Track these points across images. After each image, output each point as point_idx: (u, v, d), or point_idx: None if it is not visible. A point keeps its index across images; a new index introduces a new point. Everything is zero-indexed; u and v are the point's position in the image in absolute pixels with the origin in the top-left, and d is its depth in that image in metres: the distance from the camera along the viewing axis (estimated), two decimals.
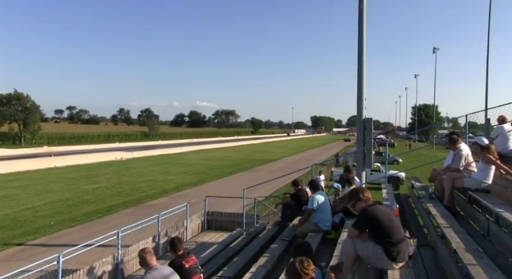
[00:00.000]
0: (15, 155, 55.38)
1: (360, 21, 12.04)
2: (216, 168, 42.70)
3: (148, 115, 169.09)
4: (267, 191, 22.72)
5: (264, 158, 55.99)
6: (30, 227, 17.18)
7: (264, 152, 71.65)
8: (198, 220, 15.01)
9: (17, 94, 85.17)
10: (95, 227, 16.91)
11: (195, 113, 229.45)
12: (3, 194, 25.28)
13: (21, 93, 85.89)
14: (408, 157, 42.16)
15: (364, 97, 12.28)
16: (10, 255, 13.60)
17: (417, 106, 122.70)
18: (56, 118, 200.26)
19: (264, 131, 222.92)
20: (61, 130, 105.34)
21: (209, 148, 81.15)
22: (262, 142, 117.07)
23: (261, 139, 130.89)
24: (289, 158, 58.69)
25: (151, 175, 35.85)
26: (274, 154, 66.54)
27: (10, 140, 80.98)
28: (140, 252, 5.20)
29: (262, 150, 77.70)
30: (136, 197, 24.50)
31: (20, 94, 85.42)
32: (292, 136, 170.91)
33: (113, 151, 60.03)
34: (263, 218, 15.04)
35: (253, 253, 8.15)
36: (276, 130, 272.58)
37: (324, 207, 7.84)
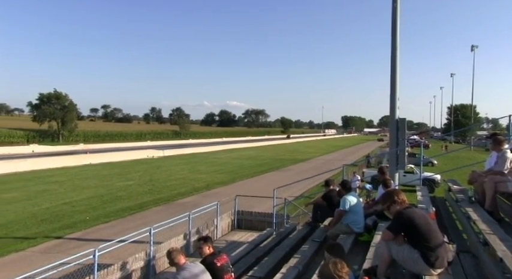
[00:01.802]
0: (54, 152, 57.30)
1: (393, 19, 11.75)
2: (246, 167, 42.78)
3: (179, 114, 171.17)
4: (297, 191, 22.61)
5: (294, 158, 55.72)
6: (67, 221, 17.67)
7: (295, 152, 71.30)
8: (228, 218, 15.05)
9: (57, 93, 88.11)
10: (128, 223, 17.23)
11: (225, 112, 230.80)
12: (44, 189, 26.16)
13: (60, 92, 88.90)
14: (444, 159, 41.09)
15: (398, 96, 11.99)
16: (50, 247, 14.03)
17: (453, 106, 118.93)
18: (92, 116, 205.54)
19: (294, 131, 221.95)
20: (96, 128, 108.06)
21: (239, 147, 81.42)
22: (293, 142, 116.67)
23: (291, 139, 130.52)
24: (319, 158, 58.20)
25: (181, 173, 36.26)
26: (305, 153, 66.12)
27: (49, 138, 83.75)
28: (167, 252, 5.23)
29: (292, 150, 77.36)
30: (168, 195, 24.80)
31: (59, 94, 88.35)
32: (322, 136, 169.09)
33: (144, 149, 61.14)
34: (293, 219, 14.93)
35: (283, 253, 8.08)
36: (306, 130, 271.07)
37: (356, 208, 7.69)
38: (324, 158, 58.18)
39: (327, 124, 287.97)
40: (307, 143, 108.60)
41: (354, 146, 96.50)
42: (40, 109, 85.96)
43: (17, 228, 16.41)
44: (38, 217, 18.38)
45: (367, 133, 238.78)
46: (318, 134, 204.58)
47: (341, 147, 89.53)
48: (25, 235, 15.34)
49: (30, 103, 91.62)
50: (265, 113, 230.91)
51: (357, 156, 60.24)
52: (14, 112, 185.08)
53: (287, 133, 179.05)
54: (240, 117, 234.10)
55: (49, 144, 72.33)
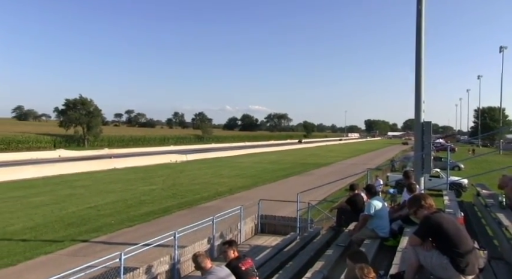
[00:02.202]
0: (80, 157, 58.52)
1: (418, 22, 11.60)
2: (269, 171, 42.74)
3: (201, 119, 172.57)
4: (320, 195, 22.44)
5: (317, 162, 55.40)
6: (93, 225, 17.98)
7: (317, 156, 70.91)
8: (251, 223, 15.04)
9: (82, 99, 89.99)
10: (152, 227, 17.41)
11: (248, 116, 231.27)
12: (70, 193, 26.72)
13: (85, 98, 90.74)
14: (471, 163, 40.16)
15: (423, 99, 11.80)
16: (76, 250, 14.30)
17: (480, 109, 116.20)
18: (116, 121, 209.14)
19: (317, 135, 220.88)
20: (120, 133, 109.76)
21: (261, 151, 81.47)
22: (315, 146, 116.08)
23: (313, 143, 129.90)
24: (342, 162, 57.68)
25: (204, 178, 36.48)
26: (327, 158, 65.67)
27: (75, 143, 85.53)
28: (193, 257, 5.26)
29: (315, 154, 76.93)
30: (191, 199, 24.97)
31: (85, 99, 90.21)
32: (344, 140, 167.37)
33: (168, 154, 61.82)
34: (317, 223, 14.83)
35: (307, 258, 8.02)
36: (329, 133, 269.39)
37: (382, 213, 7.59)
38: (346, 162, 57.64)
39: (349, 127, 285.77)
40: (330, 147, 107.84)
41: (378, 150, 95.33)
42: (66, 114, 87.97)
43: (45, 231, 16.78)
44: (65, 220, 18.76)
45: (391, 137, 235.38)
46: (341, 138, 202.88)
47: (364, 151, 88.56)
48: (53, 238, 15.67)
49: (57, 108, 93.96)
50: (288, 117, 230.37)
51: (380, 160, 59.48)
52: (41, 118, 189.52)
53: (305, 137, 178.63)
54: (262, 121, 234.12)
55: (75, 149, 73.93)
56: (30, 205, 22.46)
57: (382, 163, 52.32)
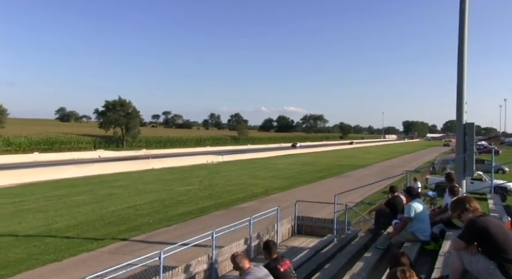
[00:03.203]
0: (118, 157, 60.15)
1: (461, 21, 11.24)
2: (304, 173, 42.52)
3: (237, 120, 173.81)
4: (357, 197, 22.15)
5: (353, 164, 54.65)
6: (132, 224, 18.42)
7: (353, 157, 69.97)
8: (288, 224, 14.99)
9: (121, 100, 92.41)
10: (189, 227, 17.66)
11: (283, 118, 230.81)
12: (110, 192, 27.51)
13: (124, 99, 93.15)
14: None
15: (465, 100, 11.42)
16: (117, 248, 14.70)
17: None
18: (153, 122, 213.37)
19: (353, 136, 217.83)
20: (157, 134, 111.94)
21: (297, 152, 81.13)
22: (352, 147, 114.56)
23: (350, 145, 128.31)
24: (379, 164, 56.68)
25: (240, 179, 36.69)
26: (364, 159, 64.70)
27: (114, 144, 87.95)
28: (232, 257, 5.29)
29: (351, 155, 75.95)
30: (227, 200, 25.16)
31: (123, 101, 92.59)
32: (368, 143, 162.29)
33: (204, 155, 62.58)
34: (354, 225, 14.63)
35: (345, 260, 7.93)
36: (366, 135, 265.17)
37: (422, 216, 7.38)
38: (384, 164, 56.58)
39: (387, 129, 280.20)
40: (367, 149, 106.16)
41: (416, 152, 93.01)
42: (105, 116, 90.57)
43: (87, 229, 17.34)
44: (105, 219, 19.31)
45: (430, 139, 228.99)
46: (378, 139, 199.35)
47: (402, 153, 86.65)
48: (94, 236, 16.16)
49: (97, 110, 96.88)
50: (324, 118, 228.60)
51: (419, 162, 58.04)
52: (82, 119, 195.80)
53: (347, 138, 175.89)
54: (298, 122, 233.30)
55: (114, 150, 76.04)
56: (72, 203, 23.27)
57: (421, 165, 51.03)
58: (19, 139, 71.47)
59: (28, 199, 24.41)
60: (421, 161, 59.61)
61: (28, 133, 76.49)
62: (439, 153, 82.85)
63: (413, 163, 55.25)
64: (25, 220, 18.94)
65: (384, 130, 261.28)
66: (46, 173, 35.32)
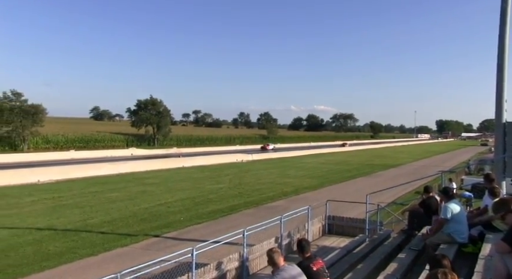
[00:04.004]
0: (150, 155, 61.27)
1: (502, 21, 10.87)
2: (335, 172, 42.15)
3: (267, 119, 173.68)
4: (388, 197, 21.79)
5: (384, 164, 53.79)
6: (163, 221, 18.71)
7: (385, 157, 68.88)
8: (319, 223, 14.86)
9: (153, 99, 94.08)
10: (220, 225, 17.81)
11: (313, 117, 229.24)
12: (142, 190, 28.05)
13: (155, 98, 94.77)
14: None
15: (505, 98, 11.03)
16: (149, 244, 14.98)
17: None
18: (184, 121, 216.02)
19: (384, 135, 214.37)
20: (188, 132, 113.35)
21: (327, 152, 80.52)
22: (383, 147, 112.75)
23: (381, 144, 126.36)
24: (412, 164, 55.55)
25: (270, 177, 36.69)
26: (396, 159, 63.58)
27: (146, 142, 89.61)
28: (269, 252, 5.29)
29: (382, 155, 74.77)
30: (257, 199, 25.22)
31: (155, 100, 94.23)
32: (399, 142, 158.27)
33: (234, 153, 62.91)
34: (386, 225, 14.39)
35: (378, 261, 7.83)
36: (397, 134, 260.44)
37: (460, 217, 7.18)
38: (417, 164, 55.42)
39: (419, 128, 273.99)
40: (398, 149, 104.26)
41: (451, 151, 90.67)
42: (137, 115, 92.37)
43: (120, 225, 17.75)
44: (138, 215, 19.71)
45: (465, 138, 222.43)
46: (410, 139, 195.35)
47: (436, 153, 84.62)
48: (127, 232, 16.52)
49: (129, 109, 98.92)
50: (354, 117, 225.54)
51: (454, 162, 56.55)
52: (115, 118, 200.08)
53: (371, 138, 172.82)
54: (328, 121, 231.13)
55: (145, 148, 77.51)
56: (106, 200, 23.87)
57: (456, 165, 49.71)
58: (57, 137, 73.99)
59: (66, 195, 25.20)
60: (455, 162, 58.07)
61: (65, 132, 79.01)
62: (475, 153, 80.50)
63: (447, 163, 53.90)
64: (63, 215, 19.59)
65: (416, 129, 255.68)
66: (82, 171, 36.41)
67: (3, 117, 62.13)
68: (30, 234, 15.92)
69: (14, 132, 63.97)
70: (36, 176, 31.97)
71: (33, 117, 65.72)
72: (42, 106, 68.44)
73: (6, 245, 14.34)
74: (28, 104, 66.57)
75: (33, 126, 65.97)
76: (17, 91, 66.14)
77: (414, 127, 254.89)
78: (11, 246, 14.20)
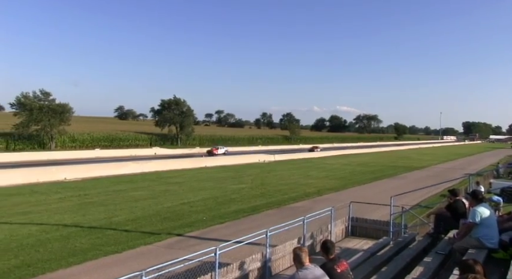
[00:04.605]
0: (173, 155, 61.90)
1: None
2: (358, 174, 41.72)
3: (289, 120, 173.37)
4: (412, 199, 21.42)
5: (409, 166, 52.95)
6: (186, 220, 18.84)
7: (409, 159, 67.78)
8: (342, 225, 14.75)
9: (176, 99, 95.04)
10: (242, 225, 17.82)
11: (336, 117, 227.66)
12: (166, 189, 28.33)
13: (179, 98, 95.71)
14: None
15: None
16: (172, 243, 15.10)
17: None
18: (206, 121, 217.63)
19: (408, 137, 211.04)
20: (210, 132, 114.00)
21: (350, 153, 79.78)
22: (407, 149, 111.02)
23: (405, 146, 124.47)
24: (437, 166, 54.48)
25: (292, 178, 36.56)
26: (421, 161, 62.50)
27: (169, 141, 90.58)
28: (297, 250, 5.25)
29: (406, 157, 73.62)
30: (279, 199, 25.14)
31: (178, 100, 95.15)
32: (424, 144, 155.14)
33: (256, 154, 62.95)
34: (411, 228, 14.16)
35: (403, 264, 7.70)
36: (422, 136, 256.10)
37: (489, 221, 6.98)
38: (442, 166, 54.33)
39: (445, 130, 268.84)
40: (423, 151, 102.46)
41: (478, 154, 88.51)
42: (161, 114, 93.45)
43: (144, 223, 17.94)
44: (161, 214, 19.89)
45: (494, 141, 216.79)
46: (435, 141, 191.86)
47: (462, 155, 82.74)
48: (151, 230, 16.69)
49: (153, 109, 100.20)
50: (378, 118, 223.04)
51: (481, 165, 55.18)
52: (139, 118, 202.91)
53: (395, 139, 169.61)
54: (351, 122, 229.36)
55: (169, 147, 78.34)
56: (130, 198, 24.19)
57: (483, 168, 48.53)
58: (83, 136, 75.57)
59: (91, 193, 25.69)
60: (483, 164, 56.67)
61: (90, 131, 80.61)
62: (504, 156, 78.39)
63: (473, 166, 52.72)
64: (88, 212, 19.97)
65: (441, 131, 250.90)
66: (107, 169, 37.08)
67: (32, 116, 63.85)
68: (57, 230, 16.29)
69: (43, 130, 65.66)
70: (63, 174, 32.73)
71: (61, 116, 67.34)
72: (69, 106, 70.13)
73: (36, 241, 14.73)
74: (56, 103, 68.23)
75: (60, 124, 67.63)
76: (45, 90, 68.03)
77: (439, 129, 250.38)
78: (40, 242, 14.57)
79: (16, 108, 65.86)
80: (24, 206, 21.31)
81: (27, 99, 65.62)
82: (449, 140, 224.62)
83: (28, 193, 25.30)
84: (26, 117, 64.03)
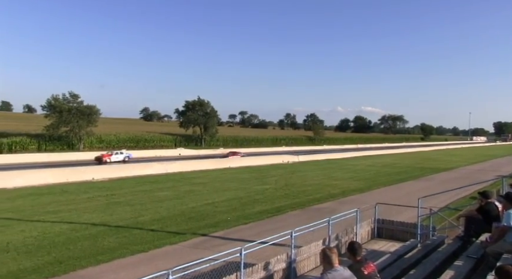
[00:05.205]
0: (197, 155, 62.45)
1: None
2: (383, 175, 41.14)
3: (313, 120, 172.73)
4: (440, 202, 20.94)
5: (436, 167, 51.88)
6: (211, 220, 18.94)
7: (436, 160, 66.41)
8: (367, 226, 14.56)
9: (200, 100, 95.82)
10: (266, 226, 17.79)
11: (360, 118, 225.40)
12: (190, 189, 28.57)
13: (203, 99, 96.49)
14: None
15: None
16: (197, 243, 15.21)
17: None
18: (230, 122, 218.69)
19: (436, 138, 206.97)
20: (234, 133, 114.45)
21: (375, 154, 78.81)
22: (434, 149, 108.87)
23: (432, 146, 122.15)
24: (466, 167, 53.17)
25: (316, 179, 36.33)
26: (448, 162, 61.14)
27: (193, 142, 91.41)
28: (326, 251, 5.18)
29: (433, 158, 72.16)
30: (303, 200, 25.01)
31: (202, 101, 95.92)
32: (452, 144, 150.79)
33: (280, 154, 62.84)
34: (439, 231, 13.85)
35: (432, 267, 7.54)
36: (450, 137, 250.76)
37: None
38: (471, 168, 52.99)
39: (474, 130, 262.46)
40: (451, 152, 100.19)
41: (510, 156, 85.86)
42: (185, 115, 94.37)
43: (169, 223, 18.14)
44: (186, 214, 20.06)
45: None
46: (464, 141, 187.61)
47: (493, 156, 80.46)
48: (176, 230, 16.85)
49: (177, 110, 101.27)
50: (404, 119, 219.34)
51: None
52: (163, 119, 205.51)
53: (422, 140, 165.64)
54: (376, 123, 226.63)
55: (193, 148, 79.07)
56: (156, 198, 24.51)
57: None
58: (109, 137, 77.13)
59: (118, 193, 26.17)
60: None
61: (117, 132, 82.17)
62: None
63: (506, 168, 51.16)
64: (115, 212, 20.34)
65: (470, 131, 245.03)
66: (133, 170, 37.71)
67: (62, 117, 65.53)
68: (86, 229, 16.66)
69: (72, 131, 67.29)
70: (91, 174, 33.47)
71: (88, 117, 68.88)
72: (96, 107, 71.66)
73: (66, 239, 15.13)
74: (84, 105, 69.82)
75: (88, 126, 69.16)
76: (74, 93, 69.72)
77: (468, 129, 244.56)
78: (70, 240, 14.95)
79: (47, 110, 67.80)
80: (54, 205, 21.93)
81: (57, 101, 67.44)
82: (479, 141, 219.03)
83: (58, 193, 26.00)
84: (56, 118, 65.88)
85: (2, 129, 69.18)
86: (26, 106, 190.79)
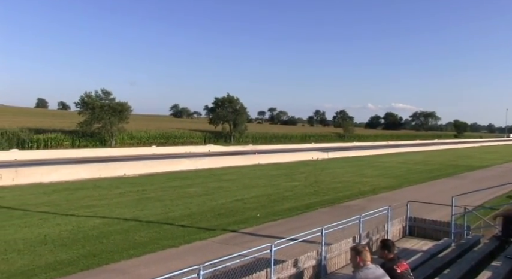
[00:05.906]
0: (227, 152, 62.76)
1: None
2: (414, 172, 40.31)
3: (343, 117, 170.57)
4: (475, 200, 20.37)
5: (470, 164, 50.48)
6: (240, 216, 19.01)
7: (470, 157, 64.60)
8: (399, 224, 14.31)
9: (229, 97, 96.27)
10: (295, 223, 17.71)
11: (391, 115, 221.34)
12: (219, 186, 28.76)
13: (232, 96, 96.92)
14: None
15: None
16: (227, 239, 15.30)
17: None
18: (259, 119, 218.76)
19: (470, 135, 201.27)
20: (263, 130, 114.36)
21: (406, 151, 77.31)
22: (468, 147, 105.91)
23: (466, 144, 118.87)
24: (502, 165, 51.50)
25: (346, 176, 35.95)
26: (483, 160, 59.36)
27: (223, 139, 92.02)
28: (360, 248, 5.13)
29: (467, 155, 70.24)
30: (333, 197, 24.79)
31: (232, 98, 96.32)
32: (487, 142, 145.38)
33: (309, 151, 62.45)
34: (474, 230, 13.48)
35: (468, 267, 7.36)
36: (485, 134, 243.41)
37: None
38: (508, 166, 51.25)
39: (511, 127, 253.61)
40: (486, 149, 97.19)
41: None
42: (215, 112, 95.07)
43: (199, 219, 18.30)
44: (215, 210, 20.19)
45: None
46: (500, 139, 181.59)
47: None
48: (206, 226, 16.98)
49: (207, 106, 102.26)
50: (436, 115, 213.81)
51: None
52: (193, 115, 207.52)
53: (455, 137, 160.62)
54: (407, 120, 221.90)
55: (222, 145, 79.48)
56: (185, 194, 24.79)
57: None
58: (140, 133, 78.48)
59: (148, 189, 26.59)
60: None
61: (147, 128, 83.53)
62: None
63: None
64: (146, 207, 20.68)
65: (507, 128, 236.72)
66: (163, 166, 38.25)
67: (94, 114, 67.14)
68: (118, 224, 17.02)
69: (104, 128, 68.84)
70: (123, 170, 34.16)
71: (120, 114, 70.22)
72: (128, 104, 72.99)
73: (99, 233, 15.49)
74: (116, 102, 71.27)
75: (119, 122, 70.55)
76: (106, 90, 71.29)
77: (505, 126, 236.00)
78: (103, 234, 15.30)
79: (80, 107, 69.50)
80: (88, 199, 22.49)
81: (90, 98, 69.02)
82: None
83: (91, 188, 26.66)
84: (89, 115, 67.43)
85: (38, 125, 71.26)
86: (61, 103, 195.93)
